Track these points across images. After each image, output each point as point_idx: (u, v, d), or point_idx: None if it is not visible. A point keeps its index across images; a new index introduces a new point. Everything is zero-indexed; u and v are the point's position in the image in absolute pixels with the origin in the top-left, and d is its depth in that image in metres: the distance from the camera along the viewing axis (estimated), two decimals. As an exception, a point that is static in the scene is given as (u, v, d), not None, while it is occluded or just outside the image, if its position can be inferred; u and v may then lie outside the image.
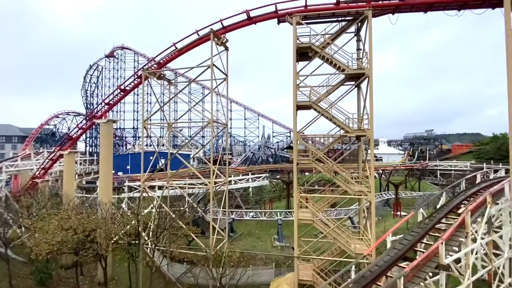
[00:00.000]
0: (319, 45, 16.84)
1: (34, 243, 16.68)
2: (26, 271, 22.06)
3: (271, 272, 21.86)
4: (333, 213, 30.42)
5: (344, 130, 16.73)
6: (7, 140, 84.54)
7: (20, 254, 24.51)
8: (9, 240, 23.62)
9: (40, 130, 70.62)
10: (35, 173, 35.51)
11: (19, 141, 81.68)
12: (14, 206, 27.63)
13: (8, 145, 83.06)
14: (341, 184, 16.88)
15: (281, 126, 77.94)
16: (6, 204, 29.01)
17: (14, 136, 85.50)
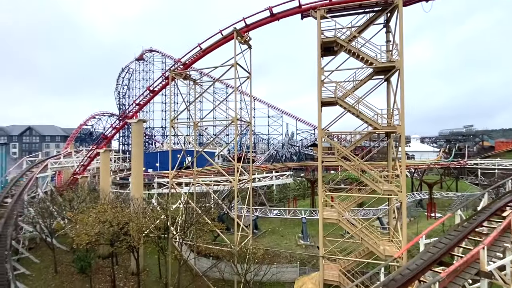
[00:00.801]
0: (345, 38, 16.25)
1: (75, 234, 18.13)
2: (69, 259, 24.13)
3: (296, 270, 21.71)
4: (360, 213, 29.38)
5: (372, 127, 16.02)
6: (51, 139, 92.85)
7: (64, 244, 26.88)
8: (54, 231, 26.01)
9: (79, 130, 76.45)
10: (76, 169, 38.57)
11: (61, 140, 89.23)
12: (58, 200, 30.24)
13: (52, 144, 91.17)
14: (369, 183, 16.21)
15: (305, 123, 76.65)
16: (51, 198, 31.90)
17: (57, 136, 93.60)
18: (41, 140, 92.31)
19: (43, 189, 34.97)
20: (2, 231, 23.21)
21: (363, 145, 63.37)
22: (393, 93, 16.72)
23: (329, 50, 17.00)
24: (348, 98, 16.28)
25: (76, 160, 43.31)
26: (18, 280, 20.46)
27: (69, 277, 22.50)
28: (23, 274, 22.71)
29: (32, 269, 23.92)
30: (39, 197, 32.15)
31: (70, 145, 64.34)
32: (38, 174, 35.61)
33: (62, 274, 23.16)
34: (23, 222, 27.21)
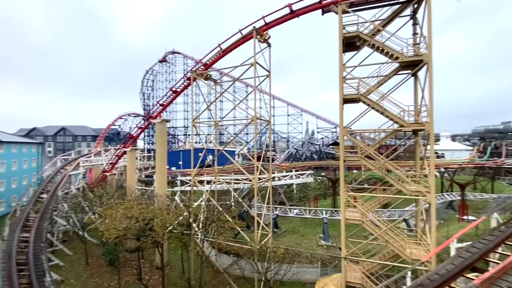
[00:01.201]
0: (368, 33, 15.67)
1: (104, 228, 19.15)
2: (99, 252, 25.58)
3: (317, 271, 21.39)
4: (385, 214, 28.29)
5: (398, 124, 15.32)
6: (83, 139, 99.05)
7: (94, 237, 28.53)
8: (86, 225, 27.71)
9: (108, 130, 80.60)
10: (105, 167, 40.78)
11: (92, 139, 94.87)
12: (89, 196, 32.16)
13: (84, 143, 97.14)
14: (394, 183, 15.54)
15: (326, 121, 75.01)
16: (83, 194, 34.00)
17: (88, 135, 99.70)
18: (74, 139, 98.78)
19: (75, 186, 37.36)
20: (39, 225, 25.13)
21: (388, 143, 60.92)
22: (420, 88, 15.87)
23: (351, 46, 16.46)
24: (372, 95, 15.69)
25: (105, 158, 45.74)
26: (53, 270, 22.04)
27: (99, 269, 23.88)
28: (57, 265, 24.41)
29: (65, 260, 25.66)
30: (72, 193, 34.39)
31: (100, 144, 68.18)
32: (71, 172, 38.09)
33: (93, 266, 24.63)
34: (57, 216, 29.27)
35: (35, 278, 18.45)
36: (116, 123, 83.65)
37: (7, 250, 20.84)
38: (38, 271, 19.40)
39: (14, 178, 43.20)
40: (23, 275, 18.80)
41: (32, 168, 49.19)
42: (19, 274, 18.73)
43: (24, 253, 21.12)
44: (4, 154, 41.14)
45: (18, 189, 42.75)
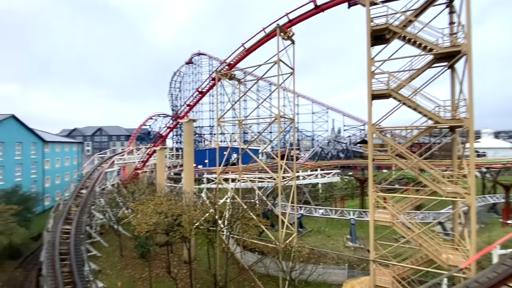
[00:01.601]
0: (398, 24, 14.81)
1: (136, 222, 20.26)
2: (131, 245, 27.13)
3: (344, 273, 20.80)
4: (418, 216, 26.68)
5: (433, 121, 14.32)
6: (117, 138, 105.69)
7: (127, 231, 30.32)
8: (120, 219, 29.53)
9: (139, 130, 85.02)
10: (137, 165, 43.12)
11: (125, 139, 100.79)
12: (123, 192, 34.22)
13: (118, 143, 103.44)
14: (429, 183, 14.58)
15: (353, 118, 72.42)
16: (117, 190, 36.26)
17: (121, 135, 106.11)
18: (109, 139, 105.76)
19: (111, 182, 39.95)
20: (79, 218, 27.26)
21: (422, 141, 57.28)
22: (458, 81, 14.69)
23: (380, 39, 15.67)
24: (403, 90, 14.82)
25: (137, 157, 48.35)
26: (91, 260, 23.80)
27: (131, 261, 25.34)
28: (94, 256, 26.31)
29: (102, 251, 27.56)
30: (107, 189, 36.84)
31: (132, 144, 72.13)
32: (107, 169, 40.80)
33: (126, 257, 26.19)
34: (95, 210, 31.54)
35: (76, 267, 20.07)
36: (146, 123, 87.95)
37: (51, 241, 22.90)
38: (78, 260, 21.07)
39: (58, 175, 47.34)
40: (64, 264, 20.54)
41: (73, 166, 53.54)
42: (61, 263, 20.50)
43: (66, 243, 23.06)
44: (49, 153, 45.20)
45: (61, 185, 46.79)
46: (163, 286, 21.23)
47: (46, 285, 17.95)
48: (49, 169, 44.76)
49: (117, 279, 22.42)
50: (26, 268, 24.97)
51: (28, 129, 39.98)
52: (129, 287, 21.25)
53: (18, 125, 38.14)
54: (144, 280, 22.06)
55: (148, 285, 21.04)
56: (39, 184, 41.44)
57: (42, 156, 42.89)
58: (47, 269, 19.48)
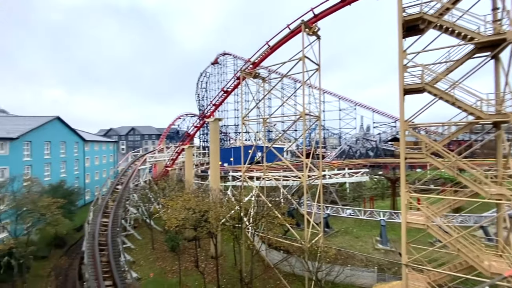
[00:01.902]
0: (434, 13, 13.78)
1: (167, 217, 21.24)
2: (162, 239, 28.50)
3: (373, 276, 20.00)
4: (457, 219, 24.77)
5: (474, 116, 13.16)
6: (148, 137, 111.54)
7: (158, 225, 31.89)
8: (152, 213, 31.16)
9: (169, 129, 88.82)
10: (167, 163, 45.12)
11: (156, 138, 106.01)
12: (154, 188, 36.05)
13: (150, 141, 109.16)
14: (469, 184, 13.44)
15: (384, 115, 69.01)
16: (149, 186, 38.27)
17: (153, 134, 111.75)
18: (141, 138, 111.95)
19: (143, 179, 42.28)
20: (115, 212, 29.20)
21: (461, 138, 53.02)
22: (504, 73, 13.30)
23: (413, 29, 14.70)
24: (439, 83, 13.79)
25: (166, 155, 50.60)
26: (126, 252, 25.41)
27: (162, 254, 26.64)
28: (129, 248, 28.04)
29: (136, 244, 29.30)
30: (140, 185, 39.04)
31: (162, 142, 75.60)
32: (140, 167, 43.22)
33: (158, 250, 27.59)
34: (129, 205, 33.59)
35: (112, 257, 21.56)
36: (175, 123, 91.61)
37: (91, 232, 24.82)
38: (114, 251, 22.60)
39: (96, 171, 51.15)
40: (103, 254, 22.16)
41: (110, 163, 57.47)
42: (100, 253, 22.14)
43: (104, 235, 24.87)
44: (89, 151, 48.97)
45: (99, 180, 50.50)
46: (192, 279, 22.05)
47: (87, 273, 19.54)
48: (89, 166, 48.52)
49: (150, 270, 23.72)
50: (70, 256, 27.41)
51: (71, 129, 43.64)
52: (160, 279, 22.38)
53: (63, 126, 41.79)
54: (174, 272, 23.08)
55: (177, 277, 22.00)
56: (81, 180, 45.13)
57: (83, 154, 46.61)
58: (88, 258, 21.18)
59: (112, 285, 18.67)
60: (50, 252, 27.37)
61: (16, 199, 22.59)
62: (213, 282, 21.30)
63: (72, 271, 23.64)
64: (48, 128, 37.80)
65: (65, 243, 29.71)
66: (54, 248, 28.32)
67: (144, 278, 22.39)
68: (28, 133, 32.84)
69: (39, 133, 35.40)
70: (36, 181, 26.99)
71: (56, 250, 28.15)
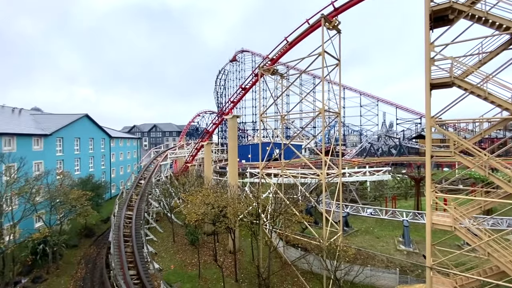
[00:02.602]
0: (465, 1, 12.90)
1: (187, 212, 21.87)
2: (182, 232, 29.39)
3: (395, 277, 19.37)
4: (488, 221, 23.29)
5: (509, 112, 12.24)
6: (169, 134, 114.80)
7: (179, 219, 32.90)
8: (173, 208, 32.20)
9: (188, 126, 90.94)
10: (187, 159, 46.27)
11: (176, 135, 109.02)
12: (175, 183, 37.17)
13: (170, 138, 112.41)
14: (502, 184, 12.56)
15: (408, 111, 66.05)
16: (170, 181, 39.50)
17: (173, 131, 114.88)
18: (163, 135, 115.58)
19: (164, 174, 43.70)
20: (139, 205, 30.49)
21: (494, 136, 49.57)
22: (545, 64, 12.22)
23: (441, 20, 13.86)
24: (470, 77, 12.94)
25: (186, 151, 51.88)
26: (148, 244, 26.49)
27: (183, 247, 27.49)
28: (151, 240, 29.20)
29: (157, 236, 30.45)
30: (162, 180, 40.41)
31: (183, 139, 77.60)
32: (161, 162, 44.69)
33: (178, 243, 28.51)
34: (151, 199, 34.91)
35: (136, 248, 22.60)
36: (195, 120, 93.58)
37: (117, 224, 26.13)
38: (138, 243, 23.66)
39: (121, 167, 53.59)
40: (127, 245, 23.27)
41: (133, 159, 59.97)
42: (125, 244, 23.27)
43: (128, 227, 26.09)
44: (114, 147, 51.36)
45: (124, 175, 52.89)
46: (210, 272, 22.59)
47: (114, 262, 20.64)
48: (114, 161, 50.94)
49: (170, 262, 24.60)
50: (98, 246, 29.07)
51: (98, 126, 45.98)
52: (180, 270, 23.15)
53: (90, 123, 44.13)
54: (194, 265, 23.77)
55: (197, 270, 22.63)
56: (107, 174, 47.53)
57: (109, 150, 48.99)
58: (114, 249, 22.35)
59: (136, 275, 19.60)
60: (80, 241, 29.22)
61: (50, 191, 24.28)
62: (231, 276, 21.69)
63: (100, 260, 25.08)
64: (78, 125, 40.11)
65: (93, 234, 31.56)
66: (84, 238, 30.18)
67: (165, 269, 23.26)
68: (60, 130, 35.06)
69: (70, 130, 37.68)
70: (67, 175, 28.81)
71: (85, 240, 29.99)
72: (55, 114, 46.44)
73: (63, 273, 22.91)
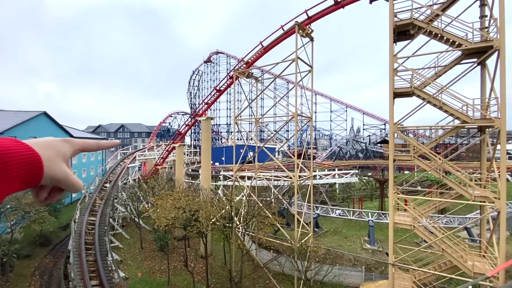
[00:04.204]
0: (424, 19, 14.16)
1: (156, 216, 21.02)
2: (151, 238, 28.13)
3: (361, 275, 20.36)
4: (442, 220, 25.47)
5: (460, 120, 13.59)
6: (138, 135, 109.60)
7: (147, 224, 31.46)
8: (141, 212, 30.72)
9: (159, 127, 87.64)
10: (157, 161, 44.51)
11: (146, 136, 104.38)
12: (143, 186, 35.53)
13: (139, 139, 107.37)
14: (454, 186, 13.88)
15: (374, 117, 70.27)
16: (138, 185, 37.66)
17: (143, 132, 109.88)
18: (131, 135, 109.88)
19: (132, 177, 41.56)
20: (103, 210, 28.61)
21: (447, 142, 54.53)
22: (489, 79, 13.80)
23: (404, 34, 15.08)
24: (428, 88, 14.18)
25: (157, 153, 49.91)
26: (113, 251, 24.93)
27: (151, 253, 26.30)
28: (117, 247, 27.55)
29: (124, 243, 28.81)
30: (129, 183, 38.39)
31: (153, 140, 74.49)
32: (129, 164, 42.47)
33: (146, 250, 27.22)
34: (117, 203, 32.98)
35: (100, 256, 21.13)
36: (166, 120, 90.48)
37: (78, 231, 24.24)
38: (102, 250, 22.14)
39: (84, 169, 49.95)
40: (90, 253, 21.68)
41: (98, 161, 56.21)
42: (87, 252, 21.65)
43: (91, 234, 24.33)
44: (77, 148, 47.74)
45: (87, 178, 49.30)
46: (180, 278, 21.86)
47: (73, 272, 19.07)
48: (76, 163, 47.31)
49: (137, 269, 23.37)
50: (55, 255, 26.68)
51: (58, 125, 42.45)
52: (148, 278, 22.08)
53: (49, 122, 40.60)
54: (163, 272, 22.82)
55: (166, 277, 21.76)
56: (67, 177, 43.92)
57: (70, 151, 45.39)
58: (74, 258, 20.68)
59: (99, 285, 18.30)
60: (34, 251, 26.57)
61: (-2, 196, 21.82)
62: (202, 281, 21.19)
63: (57, 271, 23.04)
64: (35, 123, 36.65)
65: (50, 242, 28.89)
66: (39, 247, 27.49)
67: (131, 277, 22.04)
68: (14, 128, 31.76)
69: (25, 128, 34.27)
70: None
71: (40, 249, 27.34)
72: (9, 111, 42.00)
73: (13, 287, 20.66)
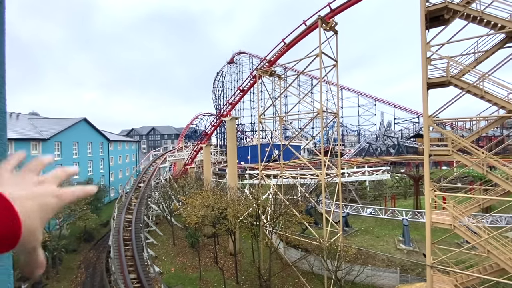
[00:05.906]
0: (460, 1, 13.04)
1: (187, 214, 21.81)
2: (183, 235, 29.30)
3: (395, 276, 19.41)
4: (487, 219, 23.39)
5: (505, 110, 12.36)
6: (168, 137, 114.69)
7: (179, 222, 32.82)
8: (172, 210, 32.12)
9: (187, 129, 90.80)
10: (186, 161, 46.22)
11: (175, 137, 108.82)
12: (174, 186, 37.07)
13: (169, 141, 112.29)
14: (501, 182, 12.67)
15: (406, 110, 66.32)
16: (169, 184, 39.40)
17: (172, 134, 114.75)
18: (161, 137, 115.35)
19: (164, 177, 43.60)
20: (138, 208, 30.40)
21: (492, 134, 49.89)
22: (541, 62, 12.36)
23: (437, 20, 14.01)
24: (467, 76, 13.06)
25: (185, 153, 51.81)
26: (148, 247, 26.38)
27: (183, 249, 27.41)
28: (151, 243, 29.09)
29: (157, 240, 30.34)
30: (161, 183, 40.31)
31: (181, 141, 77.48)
32: (160, 165, 44.61)
33: (178, 246, 28.42)
34: (151, 202, 34.81)
35: (136, 252, 22.50)
36: (193, 122, 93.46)
37: (116, 228, 26.02)
38: (138, 246, 23.56)
39: (120, 170, 53.43)
40: (127, 249, 23.18)
41: (132, 162, 59.80)
42: (125, 247, 23.17)
43: (128, 231, 25.99)
44: (113, 151, 51.22)
45: (123, 179, 52.70)
46: (211, 274, 22.52)
47: (114, 266, 20.55)
48: (113, 165, 50.77)
49: (171, 265, 24.51)
50: (98, 250, 28.94)
51: (97, 130, 45.85)
52: (181, 273, 23.06)
53: (89, 127, 44.00)
54: (194, 268, 23.69)
55: (197, 272, 22.56)
56: (106, 178, 47.36)
57: (108, 154, 48.84)
58: (114, 253, 22.26)
59: (136, 278, 19.52)
60: (79, 246, 29.06)
61: (48, 196, 24.13)
62: (232, 278, 21.63)
63: (99, 264, 24.95)
64: (76, 129, 39.98)
65: (93, 238, 31.40)
66: (83, 242, 30.03)
67: (166, 272, 23.17)
68: (58, 134, 34.93)
69: (68, 134, 37.54)
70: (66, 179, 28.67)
71: (85, 244, 29.83)
72: (53, 118, 46.24)
73: (63, 278, 22.77)
